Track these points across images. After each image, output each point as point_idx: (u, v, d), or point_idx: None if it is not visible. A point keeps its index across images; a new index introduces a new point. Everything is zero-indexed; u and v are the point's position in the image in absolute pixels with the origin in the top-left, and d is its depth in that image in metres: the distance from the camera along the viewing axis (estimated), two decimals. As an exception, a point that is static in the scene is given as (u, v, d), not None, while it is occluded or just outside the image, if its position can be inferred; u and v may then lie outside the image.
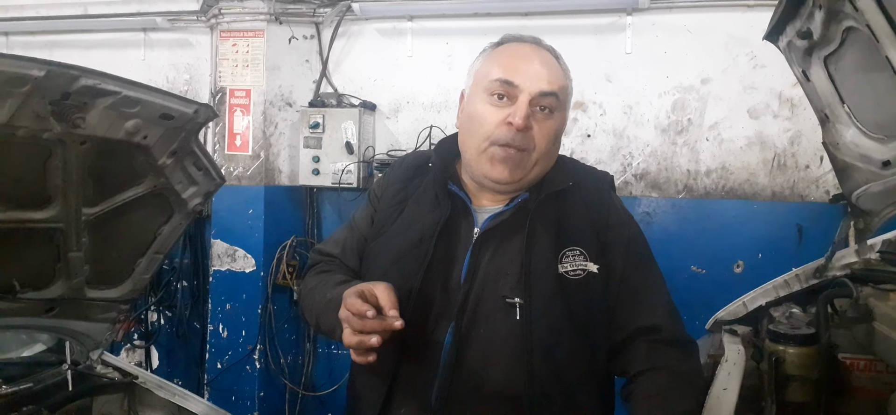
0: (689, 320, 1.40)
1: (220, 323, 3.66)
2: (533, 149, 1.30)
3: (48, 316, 1.61)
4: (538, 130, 1.29)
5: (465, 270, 1.30)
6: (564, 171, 1.40)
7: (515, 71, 1.29)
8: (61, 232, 1.46)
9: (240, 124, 3.63)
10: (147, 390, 1.88)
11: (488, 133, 1.29)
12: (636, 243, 1.40)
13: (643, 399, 1.27)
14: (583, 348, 1.31)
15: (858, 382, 1.67)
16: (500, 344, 1.27)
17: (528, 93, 1.27)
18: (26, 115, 1.18)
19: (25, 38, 4.18)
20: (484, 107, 1.31)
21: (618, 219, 1.40)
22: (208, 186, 1.61)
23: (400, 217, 1.41)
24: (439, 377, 1.27)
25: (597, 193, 1.41)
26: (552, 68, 1.33)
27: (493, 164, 1.30)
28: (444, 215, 1.34)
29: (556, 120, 1.33)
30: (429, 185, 1.41)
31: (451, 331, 1.28)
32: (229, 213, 3.63)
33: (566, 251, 1.32)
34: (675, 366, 1.29)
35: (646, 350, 1.31)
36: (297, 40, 3.69)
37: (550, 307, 1.28)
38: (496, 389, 1.26)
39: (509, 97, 1.28)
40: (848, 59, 1.31)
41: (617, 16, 3.33)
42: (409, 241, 1.35)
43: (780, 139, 3.18)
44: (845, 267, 1.93)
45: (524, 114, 1.26)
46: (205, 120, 1.44)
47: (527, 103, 1.27)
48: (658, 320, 1.33)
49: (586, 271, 1.31)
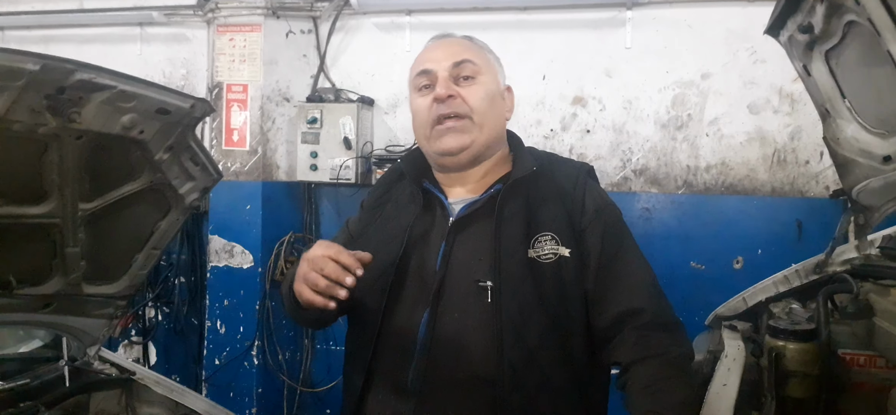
0: (689, 316, 1.40)
1: (217, 319, 3.65)
2: (471, 111, 1.40)
3: (45, 312, 1.61)
4: (468, 94, 1.41)
5: (439, 257, 1.37)
6: (528, 158, 1.48)
7: (429, 60, 1.45)
8: (57, 227, 1.45)
9: (237, 119, 3.62)
10: (144, 386, 1.88)
11: (426, 118, 1.43)
12: (614, 227, 1.43)
13: (639, 391, 1.27)
14: (555, 332, 1.34)
15: (858, 378, 1.67)
16: (474, 327, 1.32)
17: (443, 69, 1.41)
18: (21, 109, 1.17)
19: (21, 32, 4.16)
20: (417, 101, 1.46)
21: (594, 204, 1.42)
22: (205, 182, 1.60)
23: (380, 217, 1.52)
24: (415, 361, 1.32)
25: (571, 180, 1.46)
26: (462, 45, 1.47)
27: (440, 139, 1.42)
28: (418, 208, 1.44)
29: (482, 83, 1.43)
30: (405, 187, 1.52)
31: (426, 316, 1.34)
32: (227, 209, 3.61)
33: (537, 237, 1.37)
34: (665, 353, 1.29)
35: (634, 339, 1.32)
36: (295, 35, 3.67)
37: (519, 289, 1.32)
38: (471, 372, 1.30)
39: (431, 84, 1.42)
40: (849, 53, 1.30)
41: (617, 10, 3.32)
42: (386, 236, 1.44)
43: (780, 135, 3.17)
44: (845, 263, 1.93)
45: (444, 85, 1.40)
46: (201, 115, 1.43)
47: (445, 77, 1.41)
48: (641, 303, 1.34)
49: (558, 255, 1.35)
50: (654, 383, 1.26)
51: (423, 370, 1.32)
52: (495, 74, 1.49)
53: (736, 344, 1.78)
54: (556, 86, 3.43)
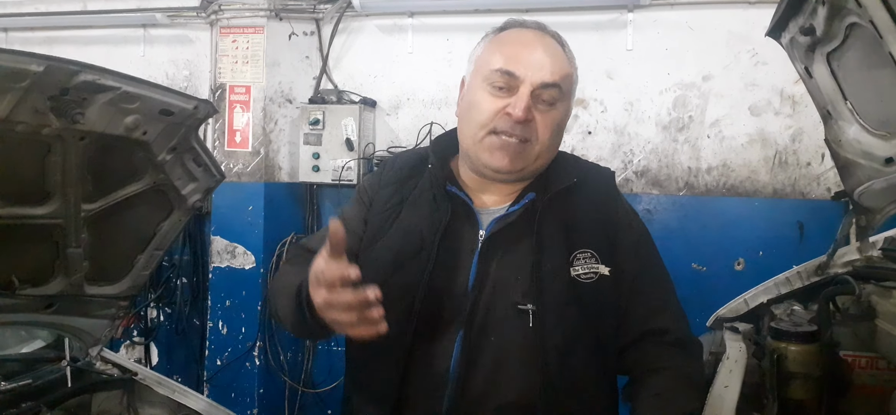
0: (690, 318, 1.39)
1: (219, 320, 3.65)
2: (535, 140, 1.25)
3: (47, 312, 1.61)
4: (540, 121, 1.25)
5: (472, 276, 1.24)
6: (567, 167, 1.36)
7: (517, 61, 1.24)
8: (60, 228, 1.46)
9: (239, 121, 3.63)
10: (146, 386, 1.88)
11: (486, 122, 1.25)
12: (645, 244, 1.38)
13: (646, 399, 1.26)
14: (598, 356, 1.28)
15: (860, 379, 1.66)
16: (513, 352, 1.22)
17: (530, 84, 1.23)
18: (25, 110, 1.18)
19: (24, 34, 4.16)
20: (483, 96, 1.26)
21: (627, 218, 1.36)
22: (208, 183, 1.61)
23: (396, 222, 1.33)
24: (449, 389, 1.21)
25: (604, 191, 1.38)
26: (556, 57, 1.28)
27: (491, 152, 1.25)
28: (445, 219, 1.28)
29: (558, 111, 1.28)
30: (425, 186, 1.35)
31: (460, 340, 1.22)
32: (229, 209, 3.62)
33: (577, 253, 1.27)
34: (678, 367, 1.28)
35: (652, 352, 1.30)
36: (298, 36, 3.68)
37: (564, 313, 1.23)
38: (509, 399, 1.21)
39: (510, 88, 1.24)
40: (851, 55, 1.30)
41: (618, 12, 3.32)
42: (408, 248, 1.28)
43: (781, 136, 3.17)
44: (847, 264, 1.92)
45: (525, 105, 1.21)
46: (204, 116, 1.44)
47: (528, 95, 1.22)
48: (667, 323, 1.32)
49: (598, 274, 1.26)
50: (662, 392, 1.25)
51: (458, 399, 1.21)
52: (571, 99, 1.34)
53: (737, 346, 1.78)
54: (558, 87, 3.42)
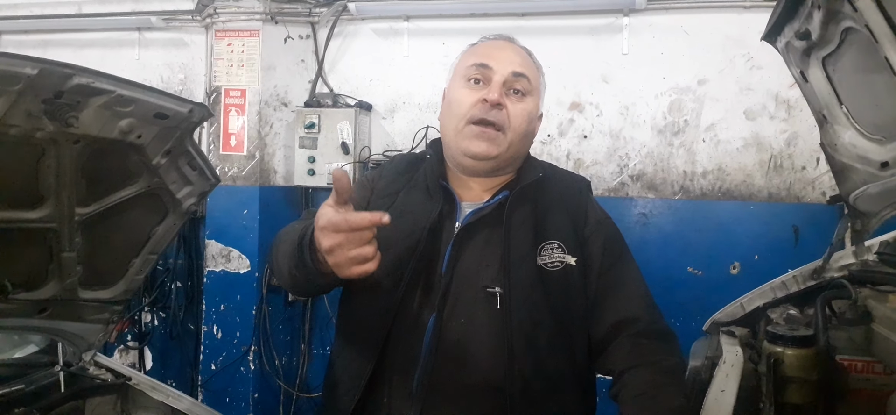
0: (686, 322, 1.40)
1: (214, 324, 3.64)
2: (508, 127, 1.39)
3: (40, 317, 1.60)
4: (512, 110, 1.39)
5: (446, 261, 1.35)
6: (535, 166, 1.50)
7: (489, 56, 1.42)
8: (54, 232, 1.45)
9: (235, 124, 3.62)
10: (140, 391, 1.86)
11: (465, 112, 1.39)
12: (614, 241, 1.47)
13: (631, 399, 1.27)
14: (562, 341, 1.35)
15: (857, 383, 1.66)
16: (481, 334, 1.31)
17: (502, 73, 1.39)
18: (19, 113, 1.17)
19: (19, 37, 4.16)
20: (462, 91, 1.42)
21: (595, 216, 1.47)
22: (203, 187, 1.60)
23: (392, 207, 1.44)
24: (420, 366, 1.30)
25: (574, 191, 1.51)
26: (524, 56, 1.46)
27: (471, 140, 1.39)
28: (437, 208, 1.40)
29: (528, 104, 1.43)
30: (420, 178, 1.49)
31: (433, 321, 1.31)
32: (224, 213, 3.61)
33: (544, 244, 1.38)
34: (659, 362, 1.31)
35: (628, 347, 1.34)
36: (293, 40, 3.67)
37: (530, 296, 1.33)
38: (478, 379, 1.29)
39: (484, 80, 1.40)
40: (846, 59, 1.31)
41: (614, 16, 3.33)
42: (400, 230, 1.38)
43: (776, 140, 3.18)
44: (843, 268, 1.93)
45: (499, 90, 1.38)
46: (199, 119, 1.43)
47: (500, 83, 1.39)
48: (637, 312, 1.38)
49: (564, 263, 1.37)
50: (647, 390, 1.27)
51: (429, 376, 1.29)
52: (539, 99, 1.49)
53: (734, 350, 1.78)
54: (554, 91, 3.43)
